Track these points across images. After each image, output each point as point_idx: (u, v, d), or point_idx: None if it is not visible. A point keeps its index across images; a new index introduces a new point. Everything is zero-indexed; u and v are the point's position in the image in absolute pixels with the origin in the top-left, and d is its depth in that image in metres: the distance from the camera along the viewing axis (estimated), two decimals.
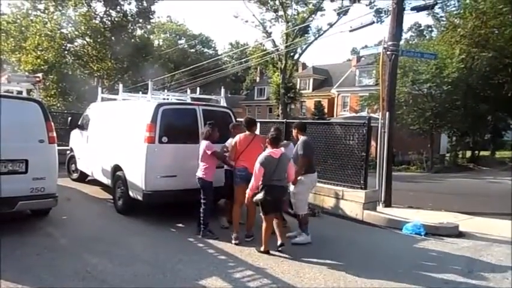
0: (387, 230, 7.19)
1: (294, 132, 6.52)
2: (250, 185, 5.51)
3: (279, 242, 5.50)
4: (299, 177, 5.97)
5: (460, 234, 6.91)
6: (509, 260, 5.58)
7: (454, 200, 11.69)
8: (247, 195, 5.57)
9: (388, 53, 9.23)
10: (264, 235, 5.47)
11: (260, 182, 5.39)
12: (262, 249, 5.44)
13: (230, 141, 6.34)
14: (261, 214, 5.55)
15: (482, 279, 4.84)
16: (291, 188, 6.03)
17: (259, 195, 5.38)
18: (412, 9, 10.85)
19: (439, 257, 5.70)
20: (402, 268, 5.17)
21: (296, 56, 37.40)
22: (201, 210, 6.02)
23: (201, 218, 6.02)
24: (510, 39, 24.18)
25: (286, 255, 5.34)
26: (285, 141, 6.99)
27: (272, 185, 5.35)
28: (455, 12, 27.96)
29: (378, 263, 5.36)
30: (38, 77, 7.40)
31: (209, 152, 5.97)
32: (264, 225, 5.49)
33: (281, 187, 5.49)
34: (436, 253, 5.88)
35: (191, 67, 32.25)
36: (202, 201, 6.02)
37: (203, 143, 6.10)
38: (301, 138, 6.30)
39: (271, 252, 5.40)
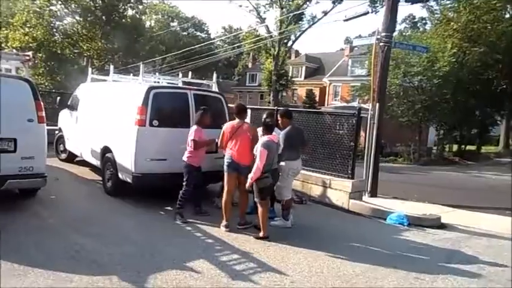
0: (372, 219, 7.35)
1: (280, 119, 6.52)
2: (254, 169, 5.46)
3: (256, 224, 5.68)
4: (280, 163, 6.04)
5: (442, 226, 7.08)
6: (487, 252, 5.77)
7: (438, 192, 11.92)
8: (249, 180, 5.50)
9: (381, 44, 9.27)
10: (261, 221, 5.53)
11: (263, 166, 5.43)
12: (261, 235, 5.50)
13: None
14: (256, 199, 5.60)
15: (460, 270, 5.01)
16: None
17: (266, 180, 5.45)
18: (407, 1, 10.90)
19: (420, 247, 5.86)
20: (384, 256, 5.32)
21: (289, 43, 37.31)
22: (181, 192, 6.09)
23: (180, 200, 6.09)
24: (502, 35, 24.47)
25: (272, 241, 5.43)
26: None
27: (274, 169, 5.52)
28: (449, 5, 28.11)
29: (361, 250, 5.50)
30: (28, 55, 7.30)
31: (191, 138, 6.03)
32: (260, 210, 5.55)
33: (277, 171, 5.72)
34: (417, 243, 6.03)
35: (183, 50, 31.99)
36: (183, 184, 6.10)
37: (192, 128, 6.15)
38: (286, 129, 6.30)
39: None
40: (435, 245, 6.01)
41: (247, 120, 6.51)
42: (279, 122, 6.51)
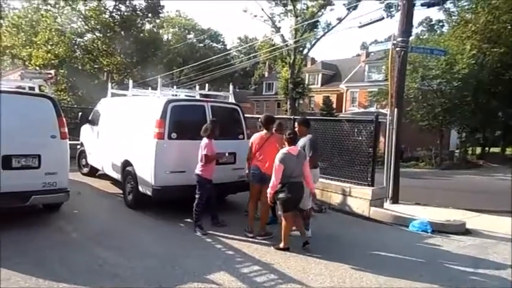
0: (394, 227, 7.23)
1: (298, 127, 6.53)
2: (270, 184, 5.48)
3: (303, 240, 5.52)
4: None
5: (467, 232, 6.92)
6: None
7: (462, 197, 11.66)
8: (268, 195, 5.52)
9: (398, 49, 9.20)
10: (283, 232, 5.47)
11: (279, 180, 5.39)
12: (281, 246, 5.46)
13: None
14: (279, 213, 5.57)
15: (487, 278, 4.87)
16: None
17: (282, 194, 5.38)
18: (423, 5, 10.75)
19: (445, 254, 5.73)
20: (408, 265, 5.21)
21: (305, 51, 37.35)
22: (194, 205, 6.12)
23: (194, 213, 6.12)
24: None
25: (308, 253, 5.37)
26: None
27: (292, 182, 5.35)
28: (466, 7, 27.67)
29: (383, 260, 5.40)
30: (50, 73, 7.53)
31: (204, 153, 6.06)
32: (283, 223, 5.48)
33: (301, 183, 5.48)
34: (442, 251, 5.90)
35: (200, 62, 32.35)
36: (196, 196, 6.13)
37: (204, 141, 6.19)
38: (308, 136, 6.35)
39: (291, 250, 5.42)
40: (461, 252, 5.86)
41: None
42: (297, 130, 6.48)
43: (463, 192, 13.05)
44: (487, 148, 29.96)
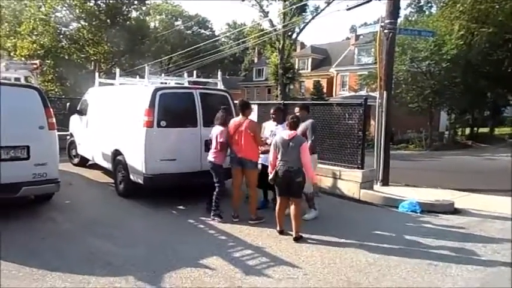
0: (384, 208, 7.34)
1: (299, 112, 6.51)
2: (269, 168, 5.59)
3: (294, 234, 5.37)
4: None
5: (456, 211, 7.05)
6: (501, 234, 5.74)
7: (451, 177, 11.84)
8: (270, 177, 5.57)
9: (386, 31, 9.19)
10: (277, 215, 5.56)
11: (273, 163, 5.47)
12: (277, 229, 5.56)
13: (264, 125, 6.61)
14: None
15: (474, 255, 5.00)
16: None
17: (270, 177, 5.50)
18: None
19: (433, 232, 5.85)
20: (397, 244, 5.32)
21: (294, 36, 37.08)
22: (215, 192, 6.12)
23: (215, 200, 6.11)
24: (510, 14, 23.95)
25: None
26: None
27: (282, 166, 5.36)
28: None
29: (373, 240, 5.49)
30: (36, 63, 7.42)
31: (219, 140, 6.07)
32: (277, 205, 5.60)
33: (293, 168, 5.32)
34: (430, 230, 6.02)
35: (188, 49, 32.03)
36: (216, 184, 6.14)
37: (217, 129, 6.17)
38: (309, 121, 6.40)
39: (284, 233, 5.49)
40: (448, 230, 5.99)
41: (254, 115, 6.53)
42: (298, 114, 6.38)
43: (453, 173, 13.24)
44: (476, 129, 30.28)
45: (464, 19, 25.03)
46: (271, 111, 6.96)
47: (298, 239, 5.31)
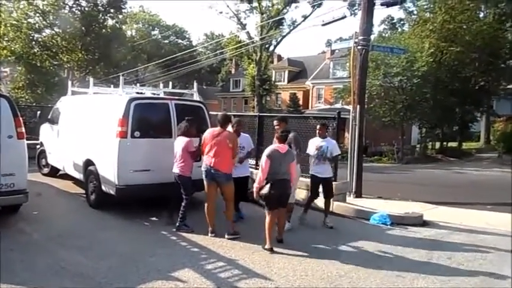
0: (356, 220, 7.48)
1: (278, 124, 6.56)
2: (257, 179, 5.57)
3: (278, 237, 5.65)
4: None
5: (425, 223, 7.26)
6: (466, 247, 5.95)
7: (422, 190, 12.16)
8: (254, 189, 5.57)
9: (359, 47, 9.47)
10: (267, 230, 5.45)
11: (265, 176, 5.45)
12: (267, 246, 5.41)
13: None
14: (265, 210, 5.58)
15: (439, 267, 5.14)
16: None
17: (265, 190, 5.42)
18: (382, 4, 11.07)
19: (402, 246, 5.97)
20: (367, 257, 5.43)
21: (271, 48, 37.55)
22: (183, 204, 6.07)
23: (181, 212, 6.07)
24: (477, 34, 25.07)
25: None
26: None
27: (276, 180, 5.38)
28: (425, 6, 28.70)
29: (344, 252, 5.60)
30: (6, 71, 7.25)
31: (190, 150, 6.05)
32: (267, 220, 5.50)
33: (287, 181, 5.49)
34: (399, 242, 6.15)
35: (165, 59, 31.85)
36: (184, 196, 6.08)
37: (181, 140, 6.14)
38: (292, 134, 6.40)
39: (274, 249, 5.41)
40: (417, 242, 6.14)
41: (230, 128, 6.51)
42: (277, 127, 6.48)
43: (423, 186, 13.59)
44: (445, 143, 31.21)
45: (434, 37, 26.02)
46: (318, 127, 6.99)
47: (282, 241, 5.56)
